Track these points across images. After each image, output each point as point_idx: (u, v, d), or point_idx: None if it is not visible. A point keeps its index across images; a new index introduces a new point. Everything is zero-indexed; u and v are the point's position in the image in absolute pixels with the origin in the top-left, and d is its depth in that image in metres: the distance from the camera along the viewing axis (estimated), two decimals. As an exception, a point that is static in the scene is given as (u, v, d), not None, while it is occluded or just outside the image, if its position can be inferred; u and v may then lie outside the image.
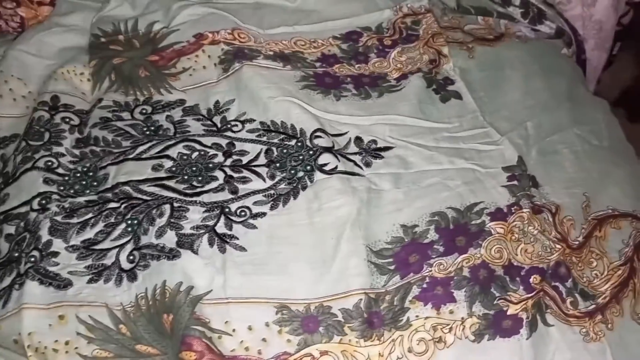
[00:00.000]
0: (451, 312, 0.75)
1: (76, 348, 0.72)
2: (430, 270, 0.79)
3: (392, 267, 0.80)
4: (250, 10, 1.11)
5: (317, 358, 0.74)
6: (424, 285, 0.78)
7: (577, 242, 0.83)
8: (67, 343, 0.72)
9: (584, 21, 1.20)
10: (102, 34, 1.06)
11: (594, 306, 0.78)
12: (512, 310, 0.75)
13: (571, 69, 1.09)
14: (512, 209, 0.84)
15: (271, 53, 1.05)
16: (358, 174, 0.89)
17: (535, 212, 0.83)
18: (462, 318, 0.75)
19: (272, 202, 0.86)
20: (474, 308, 0.75)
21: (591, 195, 0.87)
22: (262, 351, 0.74)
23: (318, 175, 0.88)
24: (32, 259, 0.77)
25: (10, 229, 0.82)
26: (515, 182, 0.87)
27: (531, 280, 0.77)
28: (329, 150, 0.91)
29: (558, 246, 0.81)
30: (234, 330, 0.75)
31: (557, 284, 0.78)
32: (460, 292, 0.77)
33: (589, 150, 0.93)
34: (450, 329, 0.74)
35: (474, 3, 1.17)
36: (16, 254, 0.79)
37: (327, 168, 0.89)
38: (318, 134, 0.93)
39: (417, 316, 0.75)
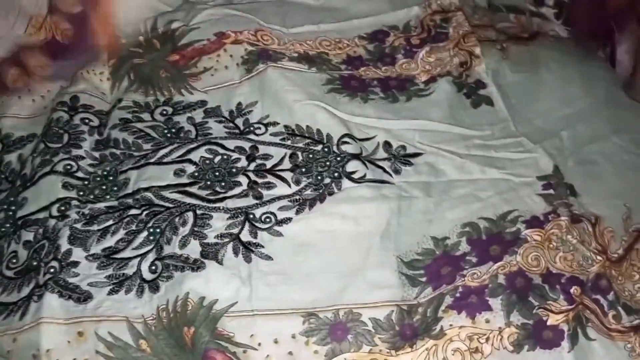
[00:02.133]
0: (487, 321, 0.72)
1: None
2: (464, 280, 0.75)
3: (423, 279, 0.77)
4: (273, 8, 1.08)
5: None
6: (457, 295, 0.74)
7: (616, 255, 0.80)
8: None
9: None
10: (122, 34, 1.03)
11: (638, 321, 0.74)
12: (552, 320, 0.71)
13: (609, 73, 1.04)
14: (549, 216, 0.80)
15: (296, 55, 1.01)
16: (388, 182, 0.86)
17: (574, 222, 0.79)
18: (500, 328, 0.71)
19: (297, 207, 0.83)
20: (511, 317, 0.72)
21: (632, 206, 0.83)
22: None
23: (346, 182, 0.85)
24: (52, 270, 0.75)
25: (28, 235, 0.80)
26: (551, 191, 0.83)
27: (572, 291, 0.73)
28: (357, 157, 0.88)
29: (599, 257, 0.77)
30: (259, 344, 0.72)
31: (597, 297, 0.75)
32: (496, 300, 0.73)
33: (630, 160, 0.88)
34: (487, 338, 0.71)
35: (505, 2, 1.13)
36: (35, 263, 0.77)
37: (355, 176, 0.86)
38: (345, 139, 0.90)
39: (450, 325, 0.72)
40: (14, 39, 1.00)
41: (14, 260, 0.78)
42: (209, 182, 0.85)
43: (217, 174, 0.87)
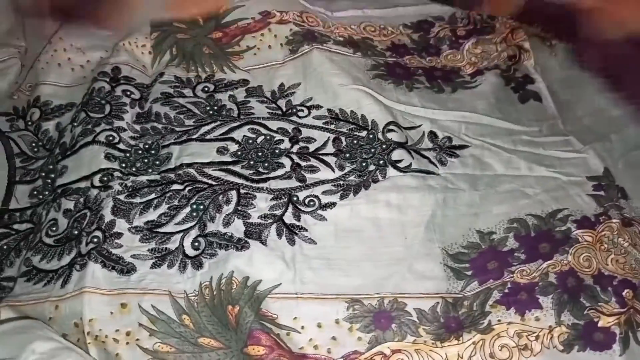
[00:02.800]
0: (537, 319, 0.71)
1: (137, 340, 0.68)
2: (512, 277, 0.74)
3: (469, 273, 0.76)
4: (318, -8, 1.06)
5: (388, 356, 0.70)
6: (506, 290, 0.73)
7: (668, 261, 0.78)
8: (128, 334, 0.68)
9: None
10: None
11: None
12: (603, 322, 0.70)
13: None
14: (600, 218, 0.78)
15: (341, 39, 1.00)
16: (433, 173, 0.84)
17: (625, 225, 0.78)
18: (550, 326, 0.70)
19: (342, 192, 0.81)
20: (562, 317, 0.70)
21: (684, 211, 0.82)
22: (332, 350, 0.70)
23: (391, 171, 0.84)
24: (95, 240, 0.73)
25: (69, 204, 0.79)
26: (602, 193, 0.82)
27: (624, 294, 0.72)
28: (402, 145, 0.86)
29: None
30: (302, 327, 0.71)
31: (649, 302, 0.73)
32: (546, 299, 0.72)
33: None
34: (537, 337, 0.70)
35: None
36: (76, 232, 0.75)
37: (401, 165, 0.84)
38: (391, 127, 0.88)
39: (499, 320, 0.71)
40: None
41: (54, 228, 0.77)
42: (251, 162, 0.84)
43: (260, 154, 0.85)
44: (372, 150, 0.86)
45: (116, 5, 0.93)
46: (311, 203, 0.80)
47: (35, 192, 0.83)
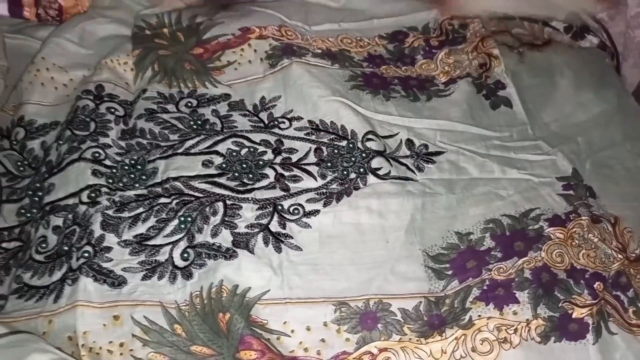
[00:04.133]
0: (515, 313, 0.74)
1: (131, 350, 0.70)
2: (490, 274, 0.78)
3: (449, 273, 0.79)
4: (296, 7, 1.10)
5: (376, 355, 0.72)
6: (484, 287, 0.77)
7: (634, 255, 0.82)
8: (121, 345, 0.70)
9: (626, 41, 1.18)
10: (147, 25, 1.04)
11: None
12: (577, 313, 0.74)
13: (618, 80, 1.08)
14: (571, 216, 0.83)
15: (319, 51, 1.03)
16: (411, 179, 0.88)
17: (594, 222, 0.82)
18: (527, 319, 0.74)
19: (325, 199, 0.84)
20: (538, 310, 0.74)
21: (648, 209, 0.86)
22: (322, 352, 0.73)
23: (371, 178, 0.87)
24: (86, 254, 0.75)
25: (57, 220, 0.80)
26: (571, 192, 0.86)
27: (595, 286, 0.76)
28: (381, 153, 0.90)
29: (619, 256, 0.80)
30: (292, 330, 0.73)
31: (618, 293, 0.77)
32: (522, 294, 0.76)
33: (642, 166, 0.92)
34: (516, 330, 0.73)
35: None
36: (66, 248, 0.77)
37: (380, 172, 0.87)
38: (370, 136, 0.91)
39: (479, 316, 0.74)
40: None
41: (44, 245, 0.78)
42: (236, 174, 0.86)
43: (244, 165, 0.88)
44: (353, 159, 0.89)
45: None
46: (296, 211, 0.83)
47: (22, 211, 0.84)
